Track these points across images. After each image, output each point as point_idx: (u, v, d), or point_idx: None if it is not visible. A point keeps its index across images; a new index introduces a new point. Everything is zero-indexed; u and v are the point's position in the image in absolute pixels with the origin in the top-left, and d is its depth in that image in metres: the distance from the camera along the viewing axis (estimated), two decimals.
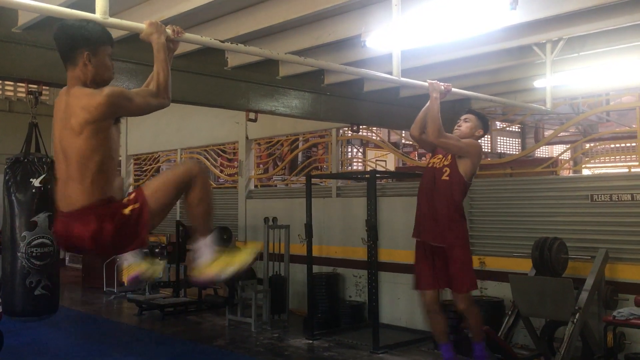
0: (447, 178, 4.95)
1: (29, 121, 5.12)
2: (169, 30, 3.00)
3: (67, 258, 16.15)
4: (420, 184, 5.25)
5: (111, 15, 2.87)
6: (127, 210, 2.90)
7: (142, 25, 2.94)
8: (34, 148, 5.10)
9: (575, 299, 5.71)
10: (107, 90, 2.78)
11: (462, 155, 4.97)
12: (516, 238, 7.29)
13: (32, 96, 5.07)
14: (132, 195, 2.97)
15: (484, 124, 5.23)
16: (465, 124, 5.16)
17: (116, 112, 2.84)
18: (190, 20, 4.79)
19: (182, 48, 5.33)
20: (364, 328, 7.99)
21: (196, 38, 3.38)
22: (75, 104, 2.80)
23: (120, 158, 13.58)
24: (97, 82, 2.85)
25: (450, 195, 4.95)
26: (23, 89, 13.63)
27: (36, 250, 4.82)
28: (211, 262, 3.14)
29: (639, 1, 4.30)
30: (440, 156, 5.12)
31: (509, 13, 3.96)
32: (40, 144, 5.14)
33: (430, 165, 5.19)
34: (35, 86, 4.97)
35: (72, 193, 2.86)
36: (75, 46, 2.80)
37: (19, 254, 4.82)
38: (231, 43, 3.53)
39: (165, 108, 3.13)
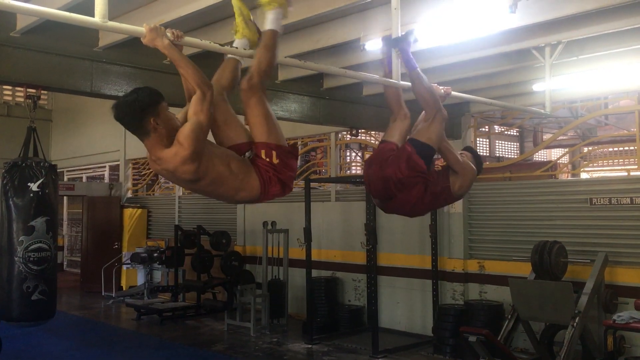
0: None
1: (28, 125, 5.09)
2: (168, 34, 2.99)
3: (65, 262, 16.12)
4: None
5: (110, 19, 2.86)
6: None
7: (141, 29, 2.92)
8: (32, 152, 5.07)
9: (575, 303, 5.70)
10: (181, 136, 2.85)
11: (457, 170, 4.63)
12: (515, 242, 7.29)
13: (30, 100, 5.05)
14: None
15: (478, 165, 4.89)
16: (462, 157, 4.87)
17: (201, 143, 2.90)
18: (189, 24, 4.78)
19: (184, 51, 5.34)
20: (363, 332, 7.98)
21: (196, 42, 3.36)
22: (175, 166, 2.90)
23: (118, 163, 13.57)
24: (171, 135, 2.90)
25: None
26: (21, 93, 13.63)
27: (33, 255, 4.79)
28: None
29: (637, 5, 4.30)
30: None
31: (508, 16, 3.96)
32: (39, 148, 5.12)
33: None
34: (34, 90, 4.95)
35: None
36: (140, 119, 2.87)
37: (16, 259, 4.79)
38: (230, 47, 3.52)
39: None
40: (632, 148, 7.09)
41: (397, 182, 3.86)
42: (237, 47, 3.30)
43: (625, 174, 6.99)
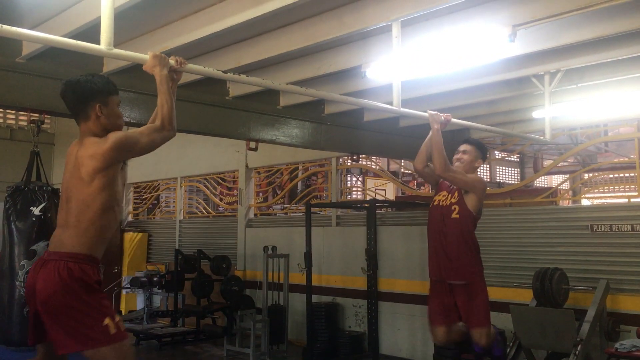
0: (457, 216, 4.88)
1: (31, 150, 5.14)
2: (172, 61, 3.04)
3: None
4: (428, 223, 5.13)
5: (115, 46, 2.91)
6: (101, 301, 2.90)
7: (146, 57, 2.97)
8: (35, 177, 5.11)
9: (577, 331, 5.66)
10: (112, 136, 2.86)
11: (467, 189, 4.91)
12: (516, 268, 7.26)
13: (34, 125, 5.10)
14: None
15: (483, 153, 5.19)
16: (465, 157, 5.08)
17: (123, 155, 2.92)
18: (193, 50, 4.85)
19: (184, 78, 5.38)
20: (363, 359, 7.91)
21: (198, 69, 3.41)
22: (84, 154, 2.90)
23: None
24: (110, 130, 2.92)
25: (462, 232, 4.89)
26: (25, 117, 13.71)
27: None
28: None
29: (636, 35, 4.36)
30: (445, 193, 5.02)
31: (507, 45, 4.02)
32: (42, 173, 5.16)
33: (436, 203, 5.09)
34: (38, 115, 5.01)
35: (65, 237, 2.92)
36: (85, 101, 2.90)
37: (17, 283, 4.79)
38: (233, 73, 3.57)
39: None
40: (632, 175, 7.12)
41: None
42: None
43: (626, 200, 7.00)
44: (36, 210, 4.80)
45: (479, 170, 5.24)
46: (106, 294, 3.02)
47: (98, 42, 2.84)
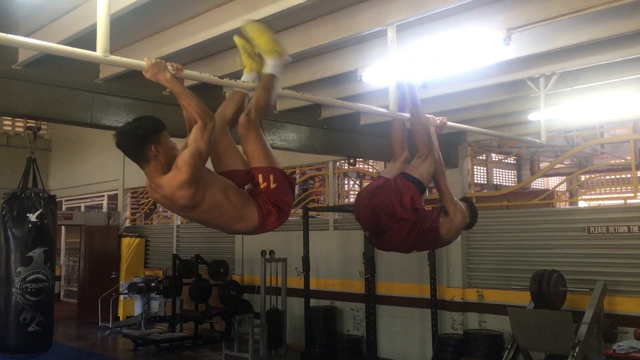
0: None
1: (27, 156, 5.12)
2: (169, 67, 3.05)
3: (62, 292, 16.01)
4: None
5: (111, 52, 2.91)
6: None
7: (142, 63, 2.97)
8: (32, 183, 5.09)
9: (575, 332, 5.67)
10: (179, 162, 2.90)
11: (449, 210, 4.47)
12: (514, 270, 7.28)
13: (30, 131, 5.09)
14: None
15: (472, 216, 4.69)
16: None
17: (199, 169, 2.94)
18: (189, 56, 4.86)
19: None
20: None
21: (195, 75, 3.41)
22: (172, 191, 2.94)
23: (117, 192, 13.58)
24: (171, 163, 2.95)
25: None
26: (21, 124, 13.70)
27: (31, 285, 4.77)
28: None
29: (630, 37, 4.38)
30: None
31: (502, 49, 4.03)
32: (38, 179, 5.14)
33: None
34: (34, 122, 5.00)
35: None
36: (141, 146, 2.92)
37: (13, 290, 4.77)
38: (229, 79, 3.57)
39: None
40: (628, 176, 7.14)
41: (386, 212, 3.88)
42: (246, 81, 3.41)
43: (622, 202, 7.02)
44: (32, 217, 4.78)
45: (474, 172, 5.17)
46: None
47: (94, 49, 2.84)
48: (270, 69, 3.35)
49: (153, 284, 10.33)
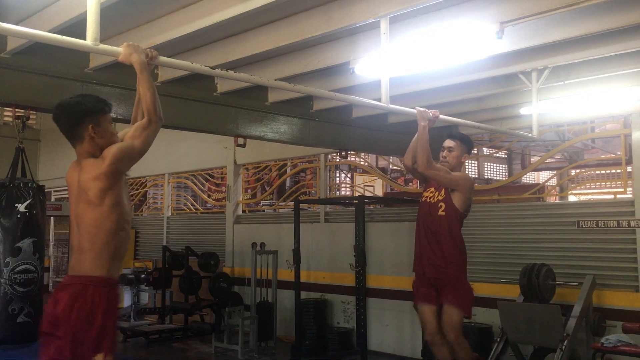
0: (443, 213, 4.92)
1: (16, 146, 5.09)
2: (145, 53, 2.99)
3: (50, 284, 15.93)
4: (417, 218, 5.19)
5: (101, 41, 2.87)
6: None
7: (119, 49, 2.94)
8: (20, 173, 5.06)
9: (563, 326, 5.70)
10: (107, 153, 2.85)
11: (453, 188, 4.95)
12: (504, 264, 7.30)
13: (19, 121, 5.05)
14: None
15: (468, 147, 5.21)
16: (450, 155, 5.09)
17: (125, 166, 2.89)
18: (180, 46, 4.82)
19: (171, 74, 5.37)
20: (352, 355, 7.92)
21: (186, 64, 3.39)
22: (86, 177, 2.87)
23: None
24: (105, 149, 2.89)
25: (448, 230, 4.93)
26: (9, 113, 13.57)
27: (20, 276, 4.75)
28: None
29: (623, 32, 4.39)
30: (433, 189, 5.06)
31: (495, 42, 4.03)
32: (27, 169, 5.11)
33: (424, 199, 5.14)
34: (23, 111, 4.96)
35: (81, 260, 2.91)
36: (78, 122, 2.85)
37: (2, 281, 4.75)
38: (221, 69, 3.55)
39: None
40: (618, 171, 7.17)
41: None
42: None
43: (612, 197, 7.06)
44: (21, 207, 4.76)
45: (466, 165, 5.27)
46: (118, 325, 3.02)
47: (84, 38, 2.81)
48: None
49: (143, 276, 10.29)
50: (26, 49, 4.50)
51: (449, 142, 5.13)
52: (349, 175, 15.77)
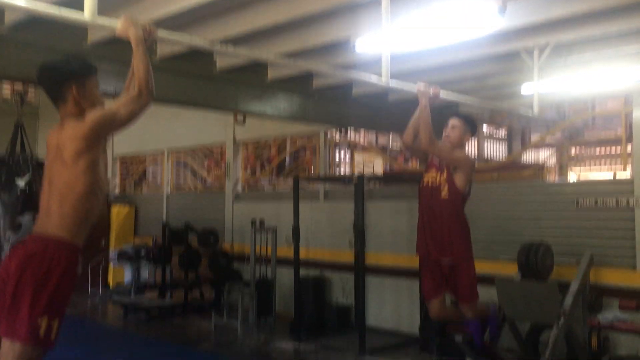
0: (447, 195, 4.92)
1: (15, 121, 5.07)
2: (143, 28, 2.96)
3: None
4: (419, 201, 5.20)
5: (99, 15, 2.85)
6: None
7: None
8: (19, 149, 5.05)
9: (561, 303, 5.74)
10: (89, 115, 2.79)
11: (455, 166, 4.93)
12: (502, 242, 7.33)
13: (17, 96, 5.03)
14: None
15: (472, 127, 5.19)
16: (453, 133, 5.08)
17: (104, 132, 2.83)
18: (179, 21, 4.77)
19: (170, 50, 5.32)
20: (350, 331, 7.99)
21: (185, 39, 3.37)
22: (64, 137, 2.82)
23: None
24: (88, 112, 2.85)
25: (453, 211, 4.94)
26: (7, 89, 13.50)
27: None
28: None
29: (625, 9, 4.35)
30: (434, 171, 5.05)
31: (497, 18, 3.99)
32: (26, 145, 5.10)
33: (426, 182, 5.13)
34: (21, 87, 4.93)
35: (47, 221, 2.84)
36: (62, 84, 2.81)
37: (3, 255, 4.77)
38: (220, 45, 3.52)
39: (153, 108, 3.11)
40: (618, 150, 7.17)
41: None
42: None
43: (611, 175, 7.06)
44: (21, 182, 4.76)
45: (467, 145, 5.28)
46: (71, 291, 2.93)
47: (82, 11, 2.78)
48: None
49: (143, 252, 10.35)
50: (24, 23, 4.46)
51: (453, 121, 5.12)
52: (348, 153, 15.74)
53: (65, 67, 2.84)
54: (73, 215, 2.83)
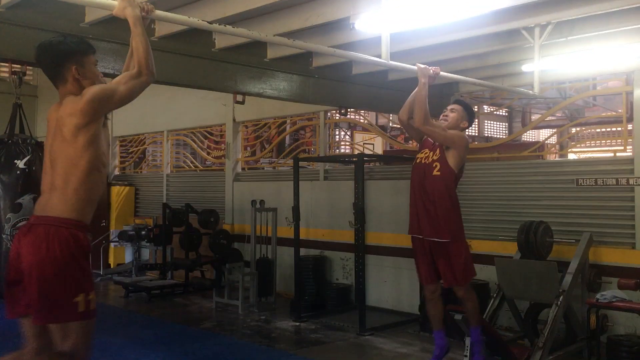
0: (439, 173, 4.90)
1: (13, 102, 5.05)
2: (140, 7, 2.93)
3: None
4: (411, 180, 5.18)
5: None
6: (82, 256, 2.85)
7: (113, 2, 2.88)
8: (19, 129, 5.04)
9: (560, 282, 5.77)
10: (88, 90, 2.78)
11: (448, 145, 4.92)
12: (502, 221, 7.35)
13: (15, 76, 5.00)
14: None
15: (470, 116, 5.18)
16: (451, 114, 5.09)
17: (102, 108, 2.82)
18: (178, 0, 4.73)
19: (169, 29, 5.28)
20: (350, 310, 8.05)
21: (183, 19, 3.34)
22: (63, 113, 2.81)
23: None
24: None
25: (444, 190, 4.93)
26: (6, 69, 13.40)
27: None
28: None
29: None
30: (427, 150, 5.05)
31: None
32: (25, 125, 5.08)
33: (418, 161, 5.13)
34: (19, 66, 4.90)
35: (52, 201, 2.84)
36: (61, 63, 2.79)
37: (3, 236, 4.78)
38: (219, 24, 3.49)
39: (152, 89, 3.09)
40: (619, 129, 7.15)
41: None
42: None
43: (612, 155, 7.05)
44: (21, 164, 4.75)
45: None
46: (90, 266, 2.97)
47: None
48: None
49: (143, 232, 10.37)
50: (21, 3, 4.42)
51: (452, 105, 5.14)
52: (348, 133, 15.72)
53: (63, 47, 2.82)
54: (80, 192, 2.83)
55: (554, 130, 10.09)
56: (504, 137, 16.19)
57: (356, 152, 11.63)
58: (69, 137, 2.79)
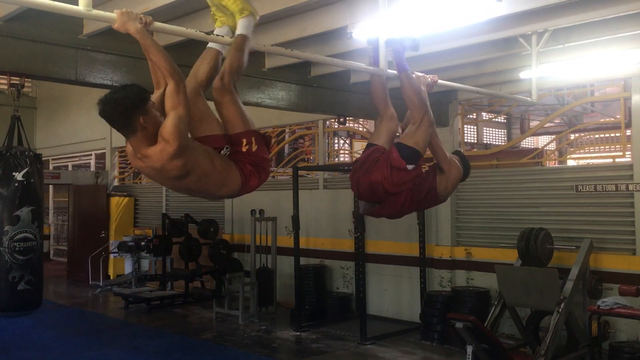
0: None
1: (12, 114, 5.03)
2: (139, 19, 2.92)
3: (51, 251, 16.03)
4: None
5: (95, 7, 2.82)
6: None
7: (113, 15, 2.87)
8: (17, 141, 5.02)
9: (560, 289, 5.76)
10: (164, 134, 2.79)
11: (444, 168, 4.55)
12: (502, 229, 7.34)
13: (14, 89, 4.99)
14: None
15: (465, 169, 4.76)
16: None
17: (184, 135, 2.86)
18: (175, 11, 4.74)
19: (166, 40, 5.28)
20: (351, 319, 8.02)
21: (181, 30, 3.33)
22: (160, 166, 2.87)
23: (104, 151, 13.48)
24: (157, 134, 2.86)
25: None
26: (4, 81, 13.42)
27: (19, 244, 4.75)
28: None
29: None
30: None
31: (495, 5, 3.96)
32: (23, 137, 5.06)
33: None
34: (18, 78, 4.90)
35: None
36: (129, 117, 2.80)
37: (1, 249, 4.76)
38: (216, 35, 3.49)
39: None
40: (617, 135, 7.15)
41: (384, 189, 3.89)
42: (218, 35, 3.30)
43: (611, 161, 7.05)
44: (19, 176, 4.72)
45: (464, 131, 5.19)
46: None
47: (77, 3, 2.75)
48: (241, 30, 3.30)
49: (143, 243, 10.35)
50: (19, 16, 4.43)
51: (452, 155, 4.74)
52: (347, 142, 15.72)
53: (128, 102, 2.81)
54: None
55: (553, 136, 10.10)
56: (503, 144, 16.20)
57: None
58: (185, 173, 2.90)
